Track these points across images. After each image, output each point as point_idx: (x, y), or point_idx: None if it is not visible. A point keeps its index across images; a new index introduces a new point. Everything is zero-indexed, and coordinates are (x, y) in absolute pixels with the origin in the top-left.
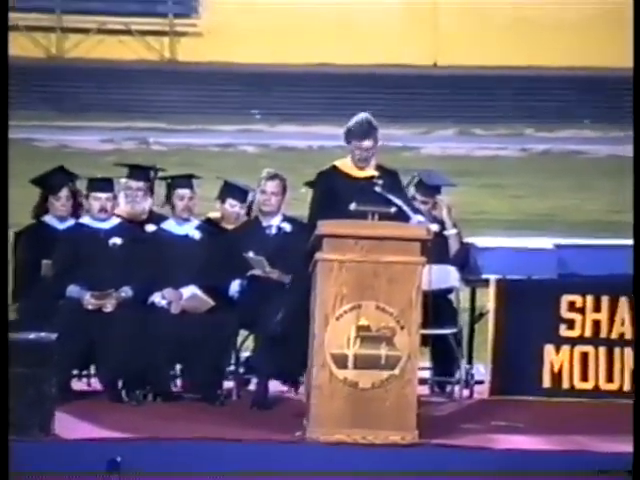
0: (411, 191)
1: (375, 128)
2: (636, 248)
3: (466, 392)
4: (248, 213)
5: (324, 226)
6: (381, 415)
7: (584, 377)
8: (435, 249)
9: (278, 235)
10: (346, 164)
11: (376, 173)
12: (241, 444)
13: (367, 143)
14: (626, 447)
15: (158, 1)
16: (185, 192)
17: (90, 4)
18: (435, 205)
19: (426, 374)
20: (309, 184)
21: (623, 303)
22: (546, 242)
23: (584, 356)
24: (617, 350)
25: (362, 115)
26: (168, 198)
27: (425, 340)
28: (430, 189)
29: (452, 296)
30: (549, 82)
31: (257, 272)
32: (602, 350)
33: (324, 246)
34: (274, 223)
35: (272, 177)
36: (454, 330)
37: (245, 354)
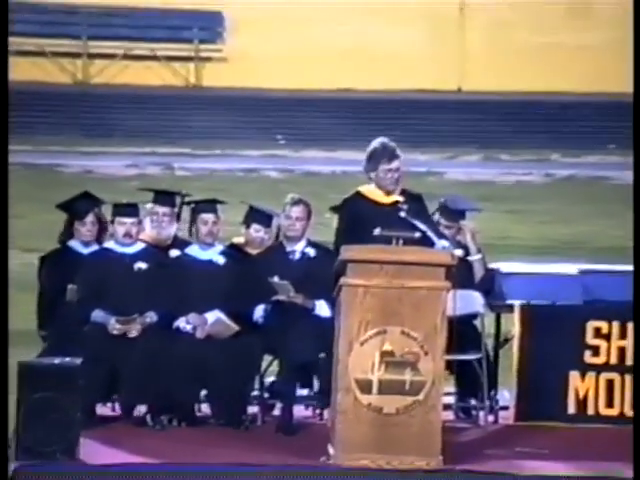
0: (436, 216)
1: (395, 148)
2: (636, 275)
3: (491, 418)
4: (277, 238)
5: (348, 251)
6: (406, 441)
7: (609, 404)
8: (460, 274)
9: (302, 260)
10: (370, 190)
11: (401, 198)
12: (266, 469)
13: (396, 163)
14: None
15: (184, 27)
16: (209, 217)
17: (116, 30)
18: (459, 230)
19: (451, 400)
20: (334, 209)
21: None
22: (571, 268)
23: (610, 383)
24: None
25: (380, 140)
26: (192, 223)
27: (450, 366)
28: (454, 214)
29: (477, 322)
30: (575, 107)
31: (281, 297)
32: (628, 377)
33: (348, 271)
34: (298, 248)
35: (297, 202)
36: (479, 356)
37: (269, 379)
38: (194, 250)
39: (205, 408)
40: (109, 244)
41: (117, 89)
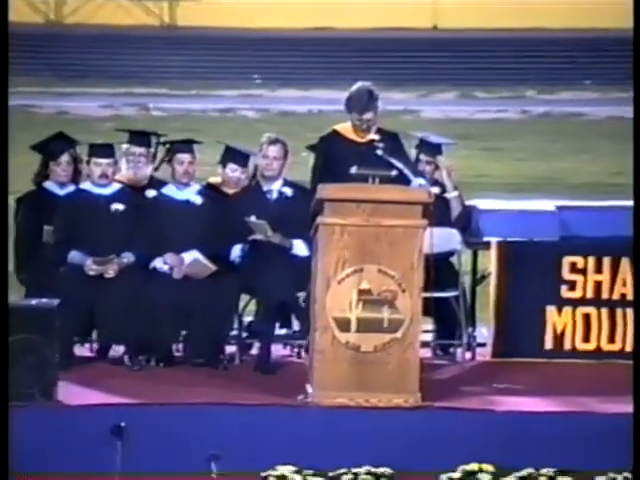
0: (414, 153)
1: (375, 98)
2: (636, 209)
3: (468, 355)
4: (254, 177)
5: (325, 190)
6: (384, 378)
7: (586, 338)
8: (436, 212)
9: (279, 200)
10: (347, 128)
11: (377, 137)
12: (244, 408)
13: (367, 115)
14: (629, 407)
15: None
16: (185, 157)
17: None
18: (436, 168)
19: (429, 337)
20: (311, 148)
21: (625, 264)
22: (547, 204)
23: (586, 317)
24: (619, 311)
25: (362, 86)
26: (169, 162)
27: (427, 307)
28: (432, 148)
29: (454, 259)
30: (550, 44)
31: (258, 236)
32: (604, 311)
33: (325, 210)
34: (275, 188)
35: (274, 141)
36: (456, 293)
37: (247, 318)
38: (171, 190)
39: (183, 348)
40: (85, 185)
41: (91, 29)
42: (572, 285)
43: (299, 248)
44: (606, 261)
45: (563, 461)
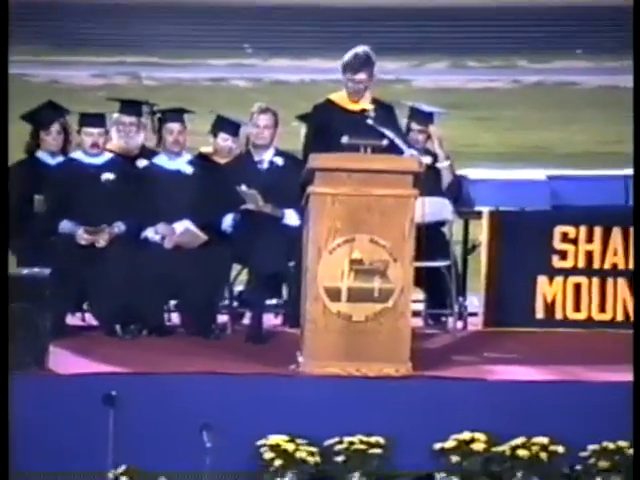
0: (407, 123)
1: (372, 62)
2: (636, 178)
3: (460, 324)
4: (245, 147)
5: (316, 159)
6: (375, 348)
7: (577, 308)
8: (428, 182)
9: (270, 169)
10: (341, 96)
11: (370, 106)
12: (236, 378)
13: (360, 76)
14: (620, 376)
15: None
16: (175, 126)
17: None
18: (428, 138)
19: (420, 307)
20: (301, 118)
21: (616, 233)
22: (539, 174)
23: (577, 287)
24: (610, 280)
25: (361, 48)
26: (158, 132)
27: (418, 276)
28: (424, 117)
29: (445, 229)
30: (542, 13)
31: (250, 206)
32: (595, 281)
33: (316, 180)
34: (266, 157)
35: (264, 110)
36: (447, 262)
37: (239, 288)
38: (162, 160)
39: (175, 318)
40: (76, 154)
41: None
42: (563, 255)
43: (291, 218)
44: (597, 231)
45: (555, 430)
